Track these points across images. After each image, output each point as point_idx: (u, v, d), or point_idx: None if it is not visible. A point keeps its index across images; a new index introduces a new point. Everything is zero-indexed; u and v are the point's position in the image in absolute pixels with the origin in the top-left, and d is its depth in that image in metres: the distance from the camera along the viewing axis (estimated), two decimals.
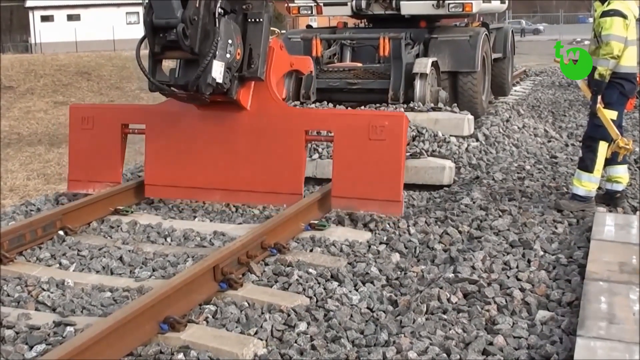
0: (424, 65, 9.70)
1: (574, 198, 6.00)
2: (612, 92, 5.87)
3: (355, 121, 5.77)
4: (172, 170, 6.23)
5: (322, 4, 10.93)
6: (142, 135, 6.50)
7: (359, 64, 10.29)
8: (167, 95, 5.81)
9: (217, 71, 5.44)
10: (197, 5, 5.29)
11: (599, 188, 6.20)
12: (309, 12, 11.09)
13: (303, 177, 5.97)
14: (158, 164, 6.30)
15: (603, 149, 5.86)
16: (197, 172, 6.15)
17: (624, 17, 5.75)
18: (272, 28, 6.14)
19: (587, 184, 5.95)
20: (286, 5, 11.19)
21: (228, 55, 5.54)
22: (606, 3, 5.89)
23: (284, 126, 5.92)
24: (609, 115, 5.80)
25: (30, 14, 55.31)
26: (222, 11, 5.54)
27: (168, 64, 5.99)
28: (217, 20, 5.42)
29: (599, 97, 5.82)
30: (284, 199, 5.88)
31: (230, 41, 5.55)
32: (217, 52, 5.43)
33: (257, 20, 5.84)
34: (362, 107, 9.45)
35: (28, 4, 55.16)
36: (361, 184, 5.66)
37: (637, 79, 6.16)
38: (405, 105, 9.33)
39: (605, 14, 5.81)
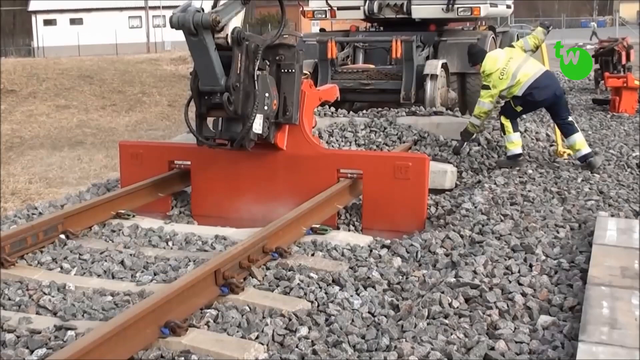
0: (434, 66, 10.03)
1: (506, 158, 7.85)
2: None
3: (381, 162, 6.26)
4: (216, 203, 6.60)
5: (335, 8, 11.23)
6: None
7: (372, 66, 10.57)
8: (213, 147, 6.06)
9: (258, 124, 5.84)
10: (239, 72, 5.64)
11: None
12: (324, 15, 11.44)
13: (337, 210, 6.27)
14: (203, 197, 6.73)
15: (505, 120, 7.84)
16: (239, 204, 6.47)
17: (488, 88, 7.72)
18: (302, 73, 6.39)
19: (508, 145, 7.83)
20: (301, 9, 11.46)
21: (266, 108, 5.90)
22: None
23: (318, 165, 6.34)
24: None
25: (33, 18, 55.41)
26: (260, 71, 5.82)
27: None
28: (255, 81, 5.74)
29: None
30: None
31: (267, 94, 5.90)
32: (256, 107, 5.78)
33: (290, 70, 6.16)
34: (365, 110, 9.49)
35: (31, 7, 55.27)
36: (388, 217, 6.11)
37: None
38: (407, 109, 9.40)
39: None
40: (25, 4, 56.26)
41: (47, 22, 54.78)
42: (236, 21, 5.75)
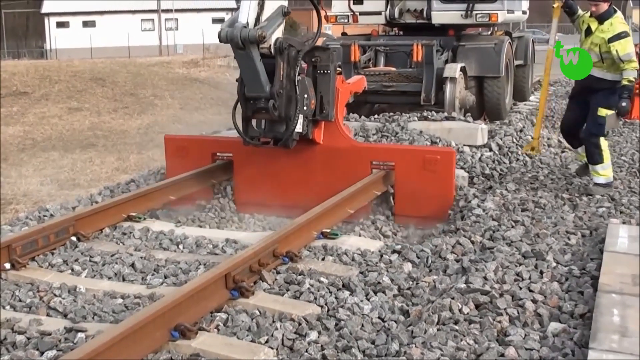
0: (453, 70, 10.52)
1: (598, 185, 6.93)
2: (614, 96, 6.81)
3: (412, 155, 6.74)
4: (257, 192, 7.02)
5: (357, 13, 11.64)
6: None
7: (393, 69, 10.99)
8: (258, 146, 6.51)
9: (299, 124, 6.31)
10: (281, 79, 6.07)
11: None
12: (346, 20, 12.04)
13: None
14: (245, 187, 7.15)
15: (604, 143, 6.97)
16: (279, 193, 6.88)
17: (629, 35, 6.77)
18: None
19: (605, 173, 6.96)
20: (324, 14, 11.75)
21: (305, 108, 6.35)
22: (608, 23, 6.82)
23: (353, 157, 6.77)
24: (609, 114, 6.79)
25: (46, 20, 55.62)
26: (299, 75, 6.26)
27: None
28: (296, 86, 6.19)
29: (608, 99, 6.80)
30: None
31: (306, 95, 6.34)
32: (298, 110, 6.22)
33: (326, 71, 6.59)
34: (377, 115, 9.50)
35: (44, 10, 55.51)
36: (418, 205, 6.56)
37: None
38: (419, 114, 9.46)
39: (618, 36, 6.75)
40: (39, 5, 56.54)
41: (60, 25, 54.96)
42: (278, 32, 6.24)
